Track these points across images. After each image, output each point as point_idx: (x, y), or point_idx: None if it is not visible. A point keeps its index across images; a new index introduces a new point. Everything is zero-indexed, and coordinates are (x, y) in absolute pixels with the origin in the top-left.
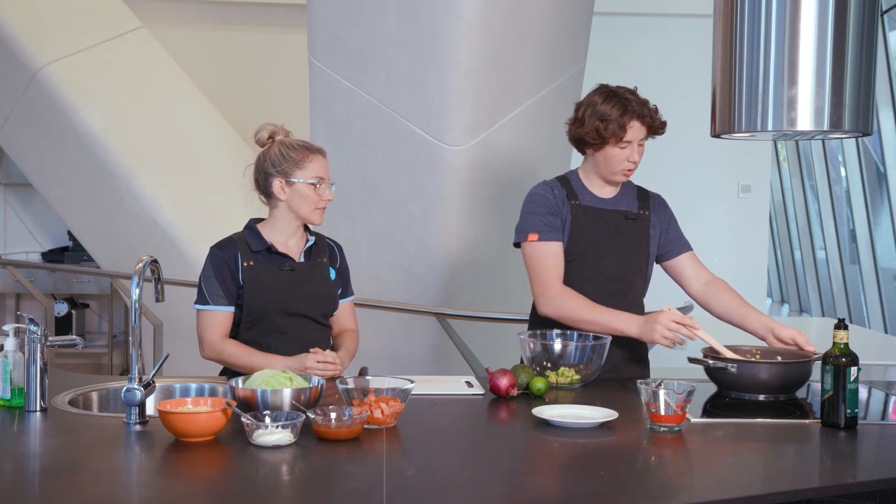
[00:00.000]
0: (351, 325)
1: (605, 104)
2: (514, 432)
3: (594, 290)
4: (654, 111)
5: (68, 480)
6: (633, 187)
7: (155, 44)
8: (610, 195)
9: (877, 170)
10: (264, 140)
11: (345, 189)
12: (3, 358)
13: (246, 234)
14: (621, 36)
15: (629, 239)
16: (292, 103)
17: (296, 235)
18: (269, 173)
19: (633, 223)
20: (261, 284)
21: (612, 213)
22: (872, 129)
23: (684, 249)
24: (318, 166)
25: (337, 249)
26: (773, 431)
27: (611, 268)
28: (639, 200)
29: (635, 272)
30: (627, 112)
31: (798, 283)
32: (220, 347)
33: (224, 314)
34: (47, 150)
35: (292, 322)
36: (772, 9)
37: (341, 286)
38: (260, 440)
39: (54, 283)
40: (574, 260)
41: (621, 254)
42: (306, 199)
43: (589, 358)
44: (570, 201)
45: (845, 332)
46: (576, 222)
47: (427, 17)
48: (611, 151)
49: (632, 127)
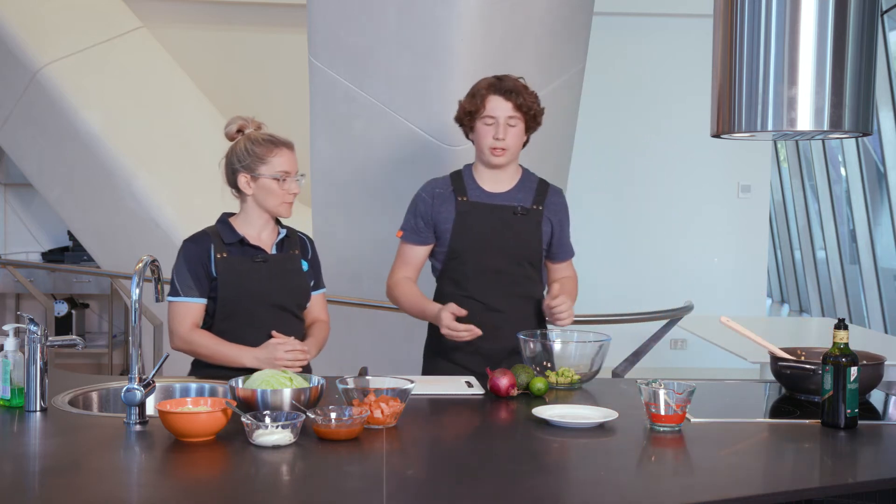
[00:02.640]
0: (322, 317)
1: (478, 84)
2: (514, 432)
3: (480, 285)
4: (526, 94)
5: (68, 480)
6: (534, 180)
7: (155, 44)
8: (504, 188)
9: (877, 170)
10: (233, 134)
11: (345, 189)
12: (3, 358)
13: (219, 227)
14: (621, 36)
15: (517, 234)
16: (292, 103)
17: (267, 228)
18: (235, 168)
19: (523, 218)
20: (235, 275)
21: (500, 208)
22: (872, 129)
23: (564, 258)
24: (282, 160)
25: (308, 242)
26: (773, 431)
27: (497, 263)
28: (536, 194)
29: (525, 267)
30: (491, 87)
31: (798, 283)
32: (190, 338)
33: (195, 306)
34: (47, 150)
35: (267, 313)
36: (772, 9)
37: (313, 278)
38: (260, 440)
39: (54, 283)
40: (457, 257)
41: (508, 249)
42: (272, 193)
43: (589, 358)
44: (457, 197)
45: (845, 332)
46: (459, 219)
47: (427, 17)
48: (479, 129)
49: (492, 101)
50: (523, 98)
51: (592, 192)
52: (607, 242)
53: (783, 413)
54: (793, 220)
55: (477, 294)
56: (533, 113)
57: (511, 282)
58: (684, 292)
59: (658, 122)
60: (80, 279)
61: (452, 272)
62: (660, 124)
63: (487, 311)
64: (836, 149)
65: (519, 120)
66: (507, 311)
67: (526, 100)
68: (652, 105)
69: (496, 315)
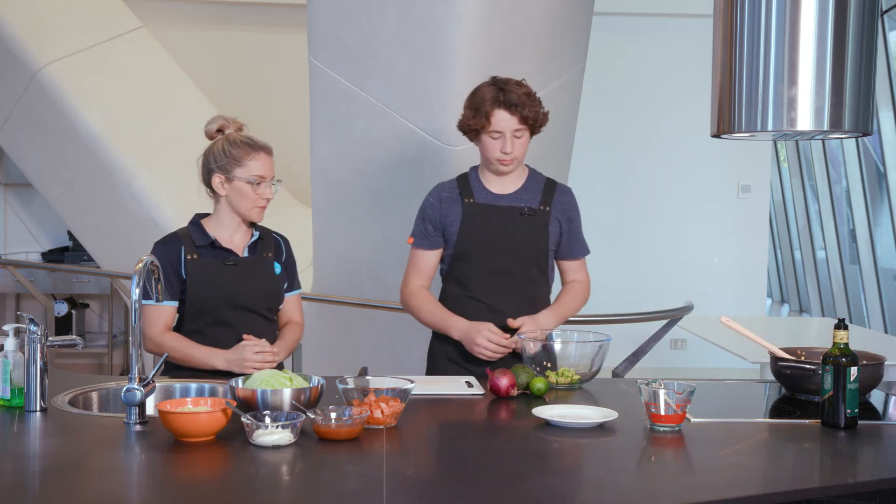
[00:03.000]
0: (296, 318)
1: (477, 93)
2: (514, 432)
3: (485, 286)
4: (531, 103)
5: (68, 480)
6: (541, 180)
7: (155, 44)
8: (511, 190)
9: (877, 170)
10: (213, 133)
11: (345, 189)
12: (3, 358)
13: (190, 229)
14: (621, 36)
15: (523, 235)
16: (292, 103)
17: (240, 230)
18: (210, 168)
19: (529, 219)
20: (205, 277)
21: (506, 209)
22: (872, 129)
23: (574, 257)
24: (258, 165)
25: (283, 243)
26: (773, 431)
27: (502, 264)
28: (543, 194)
29: (531, 268)
30: (495, 101)
31: (798, 283)
32: (161, 340)
33: (166, 309)
34: (47, 150)
35: (236, 315)
36: (772, 9)
37: (287, 280)
38: (260, 440)
39: (54, 283)
40: (463, 258)
41: (514, 250)
42: (244, 196)
43: (589, 358)
44: (463, 199)
45: (845, 332)
46: (465, 221)
47: (427, 17)
48: (485, 141)
49: (497, 116)
50: (528, 109)
51: (592, 192)
52: (607, 242)
53: (783, 413)
54: (793, 220)
55: (481, 295)
56: (539, 122)
57: (516, 283)
58: (684, 292)
59: (658, 122)
60: (80, 279)
61: (458, 273)
62: (660, 124)
63: (490, 312)
64: (836, 149)
65: (525, 131)
66: (510, 312)
67: (531, 110)
68: (652, 105)
69: (499, 316)
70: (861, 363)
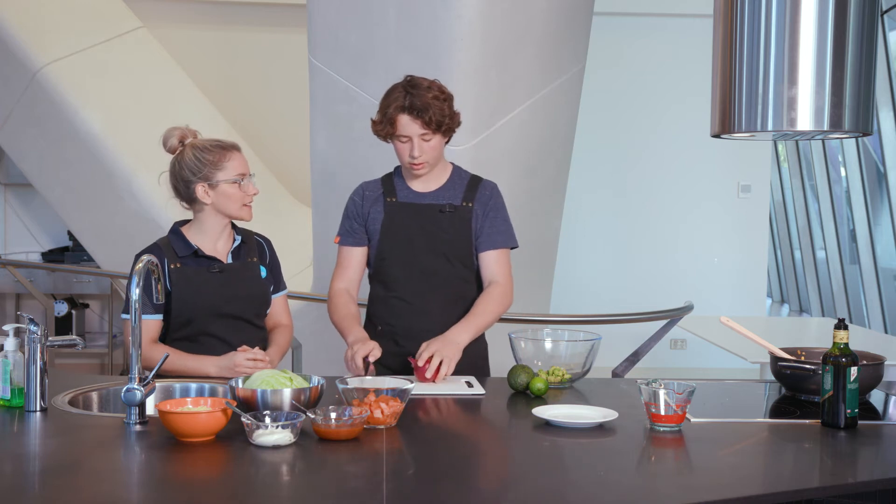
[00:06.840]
0: (284, 321)
1: (387, 97)
2: (514, 432)
3: (409, 286)
4: (436, 107)
5: (68, 480)
6: (464, 177)
7: (155, 44)
8: (433, 188)
9: (877, 170)
10: (175, 146)
11: (345, 189)
12: (3, 358)
13: (171, 239)
14: (621, 36)
15: (445, 233)
16: (292, 103)
17: (223, 236)
18: (188, 180)
19: (451, 216)
20: (190, 287)
21: (427, 207)
22: (872, 129)
23: (492, 247)
24: (237, 163)
25: (266, 245)
26: (773, 431)
27: (426, 263)
28: (466, 191)
29: (456, 266)
30: (399, 107)
31: (798, 283)
32: (149, 354)
33: (150, 322)
34: (47, 150)
35: (223, 324)
36: (772, 9)
37: (273, 282)
38: (260, 440)
39: (54, 283)
40: (386, 258)
41: (437, 248)
42: (232, 198)
43: (580, 357)
44: (386, 199)
45: (845, 332)
46: (387, 220)
47: (427, 17)
48: (396, 145)
49: (401, 121)
50: (432, 113)
51: (592, 192)
52: (607, 242)
53: (783, 413)
54: (793, 220)
55: (406, 295)
56: (446, 125)
57: (441, 282)
58: (684, 292)
59: (658, 121)
60: (80, 279)
61: (382, 274)
62: (659, 124)
63: (415, 313)
64: (836, 149)
65: (432, 134)
66: (436, 312)
67: (436, 114)
68: (652, 105)
69: (425, 317)
70: (861, 363)
